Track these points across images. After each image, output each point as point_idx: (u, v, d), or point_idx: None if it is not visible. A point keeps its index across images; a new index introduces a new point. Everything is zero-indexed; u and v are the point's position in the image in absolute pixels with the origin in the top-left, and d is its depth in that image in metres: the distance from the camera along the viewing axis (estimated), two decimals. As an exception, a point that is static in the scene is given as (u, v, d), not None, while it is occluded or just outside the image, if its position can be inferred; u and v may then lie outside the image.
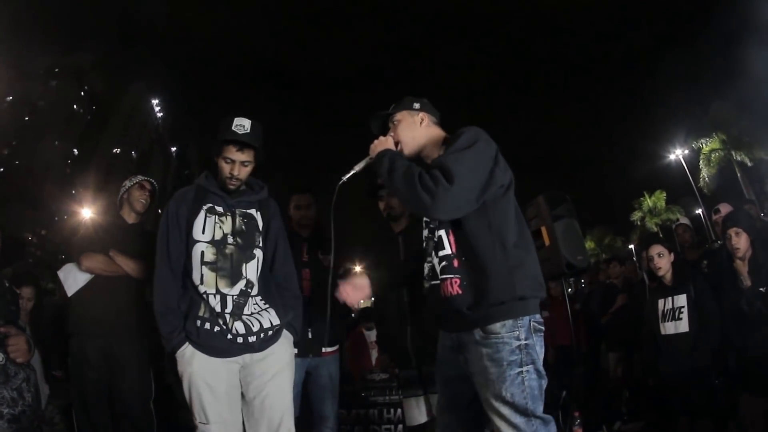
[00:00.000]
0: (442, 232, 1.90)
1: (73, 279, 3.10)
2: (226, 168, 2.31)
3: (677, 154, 27.51)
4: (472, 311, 1.78)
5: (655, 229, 30.44)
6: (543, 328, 1.83)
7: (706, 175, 24.67)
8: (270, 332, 2.31)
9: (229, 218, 2.34)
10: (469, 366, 1.82)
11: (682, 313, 3.46)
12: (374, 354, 5.48)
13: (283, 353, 2.37)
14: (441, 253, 1.89)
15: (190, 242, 2.27)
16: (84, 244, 3.13)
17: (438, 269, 1.90)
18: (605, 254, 28.52)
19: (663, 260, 3.59)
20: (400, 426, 4.04)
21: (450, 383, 1.96)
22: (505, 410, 1.70)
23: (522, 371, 1.71)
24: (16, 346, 2.03)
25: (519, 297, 1.76)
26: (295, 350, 2.97)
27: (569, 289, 7.48)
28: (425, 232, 2.03)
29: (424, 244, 2.03)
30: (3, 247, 2.79)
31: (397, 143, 2.02)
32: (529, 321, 1.77)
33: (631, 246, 31.05)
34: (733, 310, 3.35)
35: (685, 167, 26.74)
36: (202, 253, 2.26)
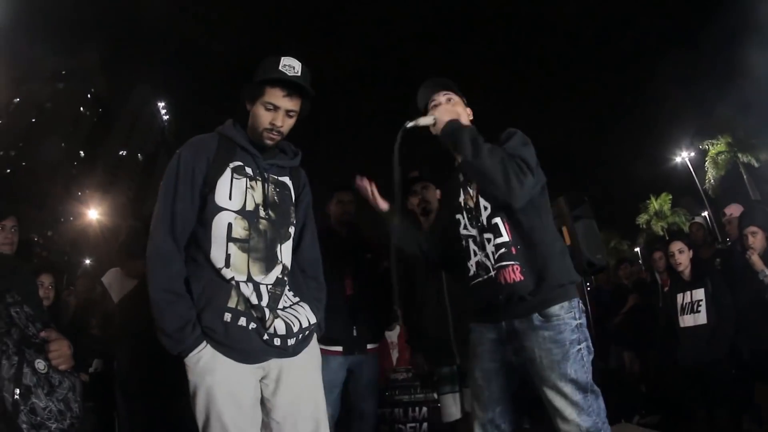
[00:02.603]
0: (497, 220, 1.91)
1: (118, 285, 3.12)
2: (266, 117, 1.79)
3: (683, 156, 27.54)
4: (533, 296, 1.83)
5: (662, 233, 30.38)
6: (585, 309, 1.97)
7: (712, 177, 24.68)
8: (307, 332, 1.84)
9: (260, 184, 1.82)
10: (526, 353, 1.84)
11: (700, 306, 3.63)
12: (395, 353, 5.53)
13: (315, 358, 1.91)
14: (498, 241, 1.90)
15: (211, 208, 1.73)
16: (128, 250, 3.14)
17: (493, 258, 1.90)
18: (611, 257, 28.43)
19: (683, 256, 3.79)
20: (425, 424, 4.09)
21: (495, 377, 1.96)
22: (568, 389, 1.77)
23: (581, 348, 1.81)
24: (58, 352, 1.84)
25: (573, 280, 1.89)
26: (340, 348, 3.02)
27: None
28: (469, 228, 2.02)
29: (469, 241, 2.00)
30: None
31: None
32: (578, 302, 1.87)
33: (637, 249, 31.01)
34: (750, 303, 3.48)
35: (691, 170, 26.76)
36: (230, 225, 1.72)
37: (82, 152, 64.83)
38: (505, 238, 1.89)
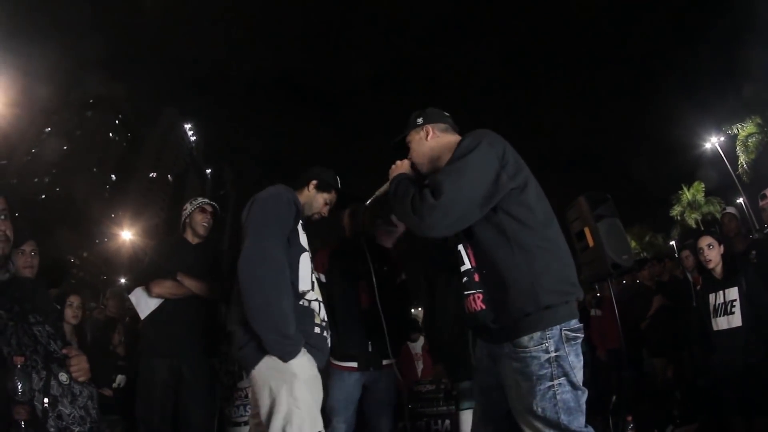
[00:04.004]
0: (460, 247, 1.87)
1: (144, 303, 3.18)
2: (322, 206, 2.49)
3: (712, 142, 26.57)
4: (496, 324, 1.74)
5: (695, 225, 29.40)
6: (579, 335, 1.72)
7: (744, 162, 23.72)
8: None
9: None
10: (503, 378, 1.79)
11: (734, 307, 3.37)
12: (420, 365, 5.47)
13: None
14: (462, 269, 1.86)
15: (299, 248, 2.19)
16: (152, 271, 3.20)
17: (462, 285, 1.88)
18: (646, 252, 27.54)
19: (713, 252, 3.50)
20: (448, 436, 4.01)
21: (488, 392, 1.93)
22: (538, 424, 1.66)
23: (553, 385, 1.64)
24: (78, 366, 2.06)
25: (545, 306, 1.67)
26: (355, 364, 3.02)
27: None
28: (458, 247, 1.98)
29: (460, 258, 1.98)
30: (47, 269, 2.92)
31: (413, 164, 2.05)
32: (560, 330, 1.67)
33: (672, 243, 30.09)
34: None
35: (722, 155, 25.81)
36: (309, 265, 2.23)
37: (113, 176, 66.81)
38: (468, 265, 1.84)
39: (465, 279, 1.84)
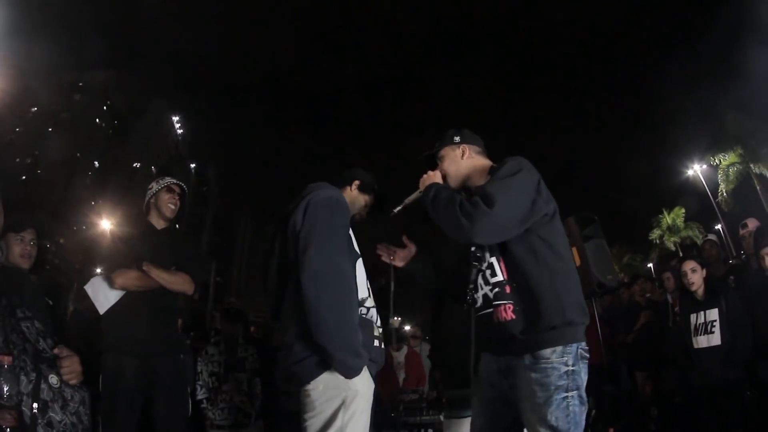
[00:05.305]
0: (493, 259, 1.97)
1: (103, 295, 2.89)
2: (362, 209, 2.33)
3: (695, 169, 27.10)
4: (524, 336, 1.83)
5: (674, 248, 29.90)
6: (588, 356, 1.87)
7: (724, 190, 24.26)
8: None
9: None
10: (516, 391, 1.85)
11: (714, 326, 3.55)
12: (401, 375, 5.52)
13: None
14: (493, 280, 1.95)
15: (354, 255, 2.04)
16: (115, 259, 2.94)
17: (491, 296, 1.95)
18: (624, 274, 27.85)
19: (696, 275, 3.69)
20: (430, 445, 4.03)
21: (490, 405, 1.99)
22: None
23: (567, 396, 1.75)
24: (70, 368, 1.89)
25: (568, 322, 1.81)
26: None
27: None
28: (479, 262, 2.05)
29: (472, 276, 2.06)
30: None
31: (444, 177, 2.12)
32: (577, 348, 1.82)
33: (650, 265, 30.51)
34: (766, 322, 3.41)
35: (704, 183, 26.36)
36: (364, 271, 2.09)
37: (96, 163, 65.86)
38: (500, 277, 1.94)
39: (497, 290, 1.93)
